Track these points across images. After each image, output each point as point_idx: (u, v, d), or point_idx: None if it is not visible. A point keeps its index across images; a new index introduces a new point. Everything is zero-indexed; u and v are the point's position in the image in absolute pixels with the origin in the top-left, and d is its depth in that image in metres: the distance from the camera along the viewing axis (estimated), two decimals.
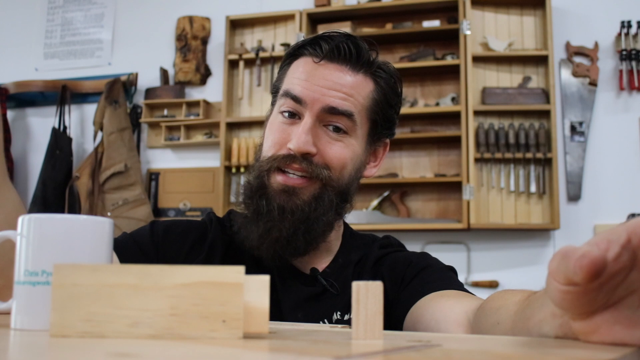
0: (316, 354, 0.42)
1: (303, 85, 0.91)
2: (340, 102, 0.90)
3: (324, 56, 0.92)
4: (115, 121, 3.47)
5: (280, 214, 0.89)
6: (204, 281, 0.48)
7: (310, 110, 0.90)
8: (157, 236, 0.98)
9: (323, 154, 0.91)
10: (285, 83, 0.95)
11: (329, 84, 0.91)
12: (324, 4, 3.34)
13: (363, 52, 0.93)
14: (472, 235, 3.10)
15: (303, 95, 0.90)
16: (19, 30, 3.93)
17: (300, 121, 0.91)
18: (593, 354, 0.41)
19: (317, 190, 0.91)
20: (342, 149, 0.92)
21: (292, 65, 0.96)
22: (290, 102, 0.92)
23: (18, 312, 0.56)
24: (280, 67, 1.00)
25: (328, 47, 0.91)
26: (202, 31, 3.59)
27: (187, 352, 0.41)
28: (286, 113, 0.92)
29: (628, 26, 3.04)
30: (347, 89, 0.91)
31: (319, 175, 0.90)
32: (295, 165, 0.89)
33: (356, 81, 0.92)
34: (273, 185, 0.91)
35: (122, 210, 3.40)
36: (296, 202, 0.90)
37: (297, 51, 0.96)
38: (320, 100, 0.90)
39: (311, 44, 0.94)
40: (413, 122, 3.22)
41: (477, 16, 3.18)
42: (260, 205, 0.90)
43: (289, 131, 0.91)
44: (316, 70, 0.91)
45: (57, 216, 0.59)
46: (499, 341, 0.53)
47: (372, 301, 0.49)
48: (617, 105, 3.06)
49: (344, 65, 0.92)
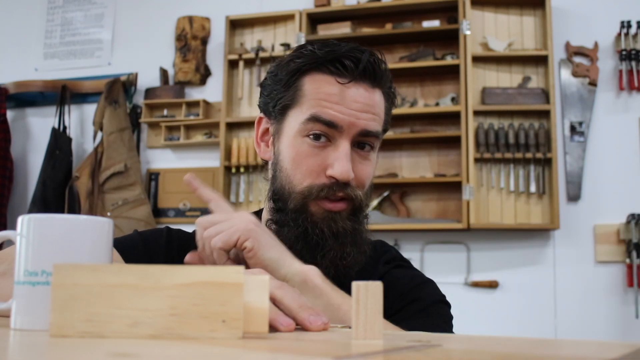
0: (316, 354, 0.42)
1: (337, 110, 0.89)
2: (372, 124, 0.91)
3: (352, 78, 0.90)
4: (115, 121, 3.47)
5: (335, 241, 0.90)
6: (204, 281, 0.48)
7: (347, 135, 0.89)
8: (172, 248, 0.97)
9: (357, 177, 0.91)
10: (306, 105, 0.91)
11: (360, 106, 0.90)
12: (323, 4, 3.34)
13: (382, 69, 0.93)
14: (472, 235, 3.09)
15: (338, 120, 0.88)
16: (19, 30, 3.93)
17: (330, 144, 0.90)
18: (593, 354, 0.41)
19: (351, 209, 0.92)
20: (369, 167, 0.94)
21: (304, 81, 0.92)
22: (321, 127, 0.89)
23: (18, 312, 0.56)
24: (285, 81, 0.94)
25: (355, 68, 0.90)
26: (202, 31, 3.59)
27: (187, 352, 0.41)
28: (312, 136, 0.90)
29: (628, 26, 3.04)
30: (374, 109, 0.92)
31: (355, 196, 0.91)
32: (340, 193, 0.90)
33: (376, 98, 0.93)
34: (317, 214, 0.90)
35: (122, 210, 3.40)
36: (343, 226, 0.90)
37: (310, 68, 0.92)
38: (356, 124, 0.89)
39: (332, 62, 0.91)
40: (413, 122, 3.22)
41: (477, 16, 3.18)
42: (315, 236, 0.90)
43: (323, 156, 0.90)
44: (345, 93, 0.90)
45: (57, 216, 0.59)
46: (499, 341, 0.53)
47: (372, 301, 0.49)
48: (617, 105, 3.05)
49: (368, 84, 0.92)
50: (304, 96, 0.91)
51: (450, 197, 3.13)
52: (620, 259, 2.91)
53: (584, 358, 0.40)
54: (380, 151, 3.46)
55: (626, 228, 2.90)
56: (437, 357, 0.41)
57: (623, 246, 2.91)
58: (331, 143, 0.90)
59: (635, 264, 2.85)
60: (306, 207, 0.90)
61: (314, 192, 0.90)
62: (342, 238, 0.90)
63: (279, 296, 0.60)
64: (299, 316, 0.59)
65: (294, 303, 0.60)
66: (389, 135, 3.18)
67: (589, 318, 2.89)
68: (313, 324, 0.58)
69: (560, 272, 2.99)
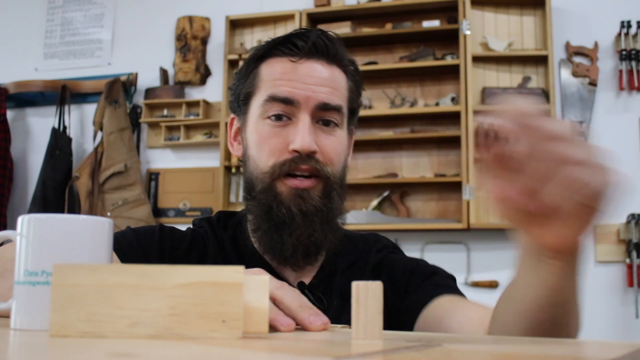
0: (316, 354, 0.42)
1: (291, 86, 0.89)
2: (331, 97, 0.91)
3: (303, 54, 0.91)
4: (115, 121, 3.47)
5: (304, 219, 0.89)
6: (203, 281, 0.48)
7: (305, 109, 0.89)
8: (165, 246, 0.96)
9: (323, 151, 0.90)
10: (262, 88, 0.92)
11: (316, 80, 0.90)
12: (323, 4, 3.34)
13: (336, 46, 0.93)
14: (472, 235, 3.10)
15: (294, 95, 0.89)
16: (19, 30, 3.93)
17: (291, 122, 0.90)
18: (593, 354, 0.41)
19: (323, 187, 0.91)
20: (336, 143, 0.92)
21: (261, 68, 0.94)
22: (279, 105, 0.90)
23: (18, 312, 0.56)
24: (244, 72, 0.97)
25: (305, 45, 0.91)
26: (201, 31, 3.59)
27: (187, 352, 0.41)
28: (274, 117, 0.90)
29: (628, 26, 3.04)
30: (331, 83, 0.91)
31: (325, 173, 0.90)
32: (304, 166, 0.89)
33: (334, 74, 0.93)
34: (284, 192, 0.89)
35: (122, 210, 3.40)
36: (312, 204, 0.89)
37: (264, 53, 0.94)
38: (313, 97, 0.89)
39: (284, 43, 0.92)
40: (413, 122, 3.22)
41: (476, 16, 3.18)
42: (280, 214, 0.89)
43: (284, 134, 0.90)
44: (298, 69, 0.91)
45: (57, 216, 0.59)
46: (499, 341, 0.53)
47: (372, 301, 0.49)
48: (617, 105, 3.06)
49: (322, 60, 0.92)
50: (261, 81, 0.93)
51: (450, 197, 3.13)
52: (620, 259, 2.92)
53: (584, 358, 0.40)
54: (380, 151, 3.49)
55: (626, 228, 2.90)
56: (437, 357, 0.41)
57: (623, 246, 2.91)
58: (292, 121, 0.90)
59: (635, 264, 2.85)
60: (273, 186, 0.90)
61: (277, 169, 0.89)
62: (312, 216, 0.89)
63: (279, 296, 0.60)
64: (299, 316, 0.59)
65: (294, 303, 0.60)
66: (389, 135, 3.18)
67: (589, 318, 2.88)
68: (313, 324, 0.58)
69: None
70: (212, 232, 1.00)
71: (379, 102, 3.28)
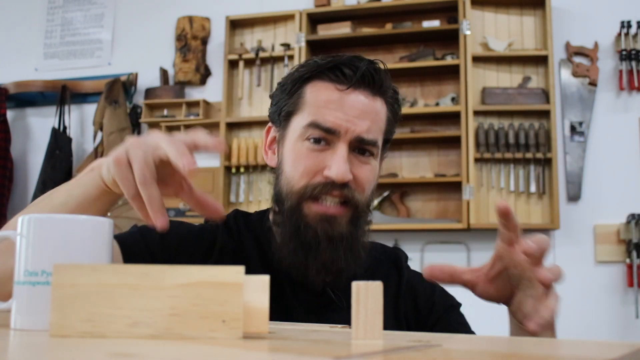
0: (316, 354, 0.42)
1: (334, 116, 0.92)
2: (369, 132, 0.93)
3: (350, 84, 0.93)
4: (115, 121, 3.47)
5: (329, 244, 0.92)
6: (203, 281, 0.48)
7: (344, 139, 0.92)
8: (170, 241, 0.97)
9: (357, 180, 0.93)
10: (307, 111, 0.95)
11: (358, 113, 0.92)
12: (323, 4, 3.34)
13: (382, 77, 0.95)
14: (472, 235, 3.09)
15: (336, 126, 0.92)
16: (19, 30, 3.93)
17: (329, 147, 0.93)
18: (593, 354, 0.41)
19: (351, 214, 0.94)
20: (369, 172, 0.96)
21: (306, 89, 0.96)
22: (320, 132, 0.92)
23: (18, 312, 0.56)
24: (288, 89, 0.98)
25: (354, 75, 0.93)
26: (202, 31, 3.59)
27: (187, 352, 0.41)
28: (313, 140, 0.93)
29: (628, 26, 3.04)
30: (372, 116, 0.94)
31: (355, 201, 0.93)
32: (336, 192, 0.92)
33: (377, 106, 0.95)
34: (310, 216, 0.92)
35: (122, 210, 3.40)
36: (339, 230, 0.92)
37: (311, 75, 0.96)
38: (352, 130, 0.92)
39: (332, 69, 0.94)
40: (413, 122, 3.22)
41: (477, 16, 3.18)
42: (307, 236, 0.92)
43: (321, 158, 0.92)
44: (343, 99, 0.93)
45: (57, 216, 0.59)
46: (499, 341, 0.53)
47: (372, 301, 0.49)
48: (617, 105, 3.06)
49: (367, 91, 0.94)
50: (305, 103, 0.95)
51: (450, 197, 3.13)
52: (620, 259, 2.91)
53: (584, 358, 0.40)
54: None
55: (626, 228, 2.90)
56: (437, 357, 0.41)
57: (623, 246, 2.91)
58: (330, 147, 0.93)
59: (635, 264, 2.85)
60: (300, 207, 0.93)
61: (309, 191, 0.92)
62: (337, 241, 0.92)
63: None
64: None
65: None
66: None
67: (589, 318, 2.89)
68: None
69: None
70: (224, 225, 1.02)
71: None
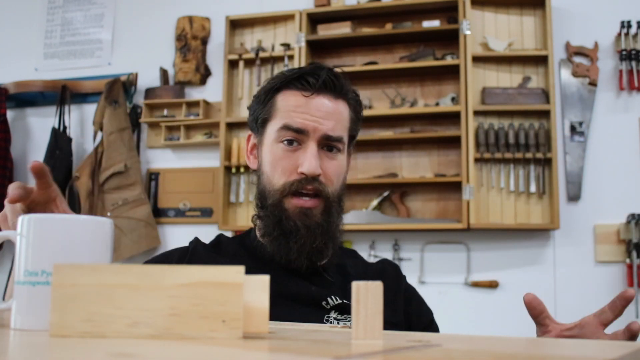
0: (316, 354, 0.42)
1: (302, 118, 1.07)
2: (334, 130, 1.09)
3: (313, 90, 1.08)
4: (115, 121, 3.47)
5: (307, 231, 1.06)
6: (203, 281, 0.48)
7: (313, 138, 1.07)
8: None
9: (325, 173, 1.08)
10: (279, 116, 1.10)
11: (323, 114, 1.08)
12: (323, 4, 3.34)
13: (342, 82, 1.11)
14: (472, 235, 3.09)
15: (304, 126, 1.07)
16: (19, 30, 3.93)
17: (300, 147, 1.08)
18: (593, 354, 0.41)
19: (324, 205, 1.08)
20: (337, 166, 1.11)
21: (277, 98, 1.12)
22: (292, 133, 1.08)
23: (18, 312, 0.56)
24: (262, 99, 1.14)
25: (316, 82, 1.08)
26: (202, 31, 3.59)
27: (187, 352, 0.41)
28: (286, 142, 1.08)
29: (628, 26, 3.04)
30: (336, 116, 1.10)
31: (326, 193, 1.08)
32: (309, 186, 1.07)
33: (339, 107, 1.11)
34: (291, 209, 1.07)
35: (122, 210, 3.40)
36: (315, 220, 1.07)
37: (280, 86, 1.11)
38: (319, 129, 1.07)
39: (298, 79, 1.09)
40: (413, 122, 3.22)
41: (477, 16, 3.18)
42: (288, 226, 1.07)
43: (294, 157, 1.08)
44: (309, 103, 1.08)
45: (57, 216, 0.59)
46: (499, 341, 0.53)
47: (372, 301, 0.49)
48: (617, 105, 3.05)
49: (329, 95, 1.10)
50: (277, 110, 1.11)
51: (450, 197, 3.13)
52: (620, 259, 2.91)
53: (584, 358, 0.40)
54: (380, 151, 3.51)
55: (626, 228, 2.90)
56: (437, 357, 0.41)
57: (623, 246, 2.91)
58: (301, 146, 1.08)
59: (635, 264, 2.85)
60: (282, 203, 1.08)
61: (287, 188, 1.07)
62: (314, 230, 1.07)
63: None
64: None
65: None
66: (388, 135, 3.18)
67: None
68: None
69: (560, 272, 2.99)
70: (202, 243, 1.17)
71: (379, 102, 3.28)
